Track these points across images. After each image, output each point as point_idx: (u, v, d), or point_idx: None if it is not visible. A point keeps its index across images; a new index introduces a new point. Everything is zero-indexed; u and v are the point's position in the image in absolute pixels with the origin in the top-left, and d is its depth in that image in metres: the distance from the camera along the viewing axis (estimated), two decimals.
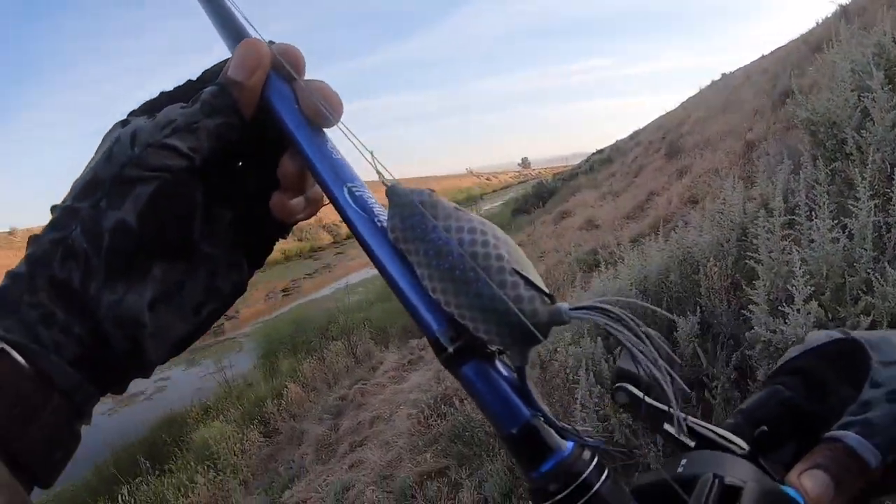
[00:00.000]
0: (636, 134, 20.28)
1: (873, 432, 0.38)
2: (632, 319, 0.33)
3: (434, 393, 4.71)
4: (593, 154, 24.05)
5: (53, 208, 0.38)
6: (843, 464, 0.38)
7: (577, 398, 2.18)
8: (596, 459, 0.34)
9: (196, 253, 0.41)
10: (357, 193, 0.40)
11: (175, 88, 0.43)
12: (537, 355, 2.76)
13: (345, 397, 6.49)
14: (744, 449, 0.39)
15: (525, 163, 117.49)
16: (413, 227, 0.36)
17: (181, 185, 0.38)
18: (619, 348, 0.35)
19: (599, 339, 2.41)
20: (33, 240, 0.37)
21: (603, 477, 0.34)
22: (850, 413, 0.39)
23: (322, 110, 0.40)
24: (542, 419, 0.34)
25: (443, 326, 0.36)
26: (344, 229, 27.23)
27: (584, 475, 0.33)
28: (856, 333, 0.44)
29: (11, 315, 0.34)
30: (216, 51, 0.46)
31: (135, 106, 0.42)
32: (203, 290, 0.42)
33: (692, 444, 0.39)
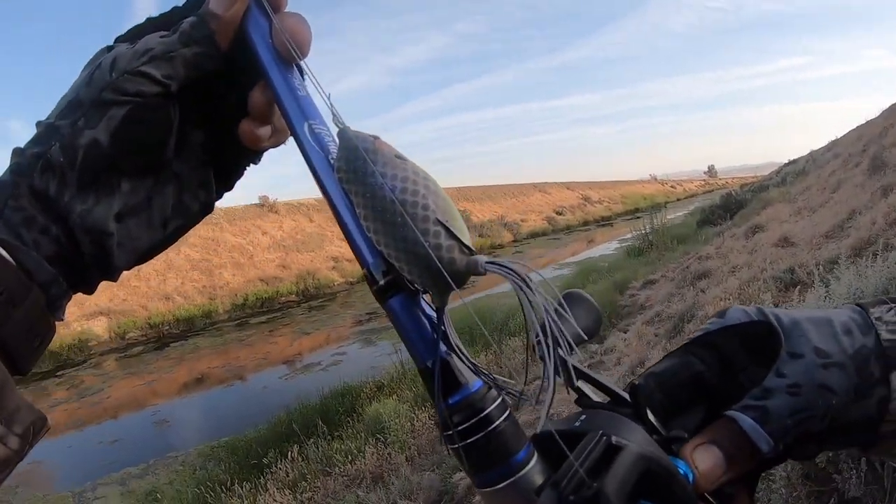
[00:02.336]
0: (833, 144, 18.79)
1: (769, 420, 0.40)
2: (531, 281, 0.37)
3: None
4: (785, 165, 22.68)
5: (38, 124, 0.41)
6: (736, 444, 0.41)
7: None
8: (500, 399, 0.38)
9: (166, 170, 0.44)
10: (316, 131, 0.42)
11: (161, 15, 0.45)
12: None
13: (522, 394, 6.47)
14: (628, 404, 0.41)
15: (711, 171, 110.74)
16: (355, 170, 0.39)
17: (153, 111, 0.41)
18: None
19: None
20: (18, 152, 0.41)
21: (504, 416, 0.38)
22: (752, 396, 0.41)
23: (289, 47, 0.42)
24: (457, 357, 0.38)
25: (376, 261, 0.39)
26: (524, 229, 27.80)
27: (487, 411, 0.37)
28: (771, 313, 0.44)
29: None
30: None
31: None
32: (171, 206, 0.45)
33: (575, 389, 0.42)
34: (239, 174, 0.51)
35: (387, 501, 5.01)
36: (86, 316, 20.85)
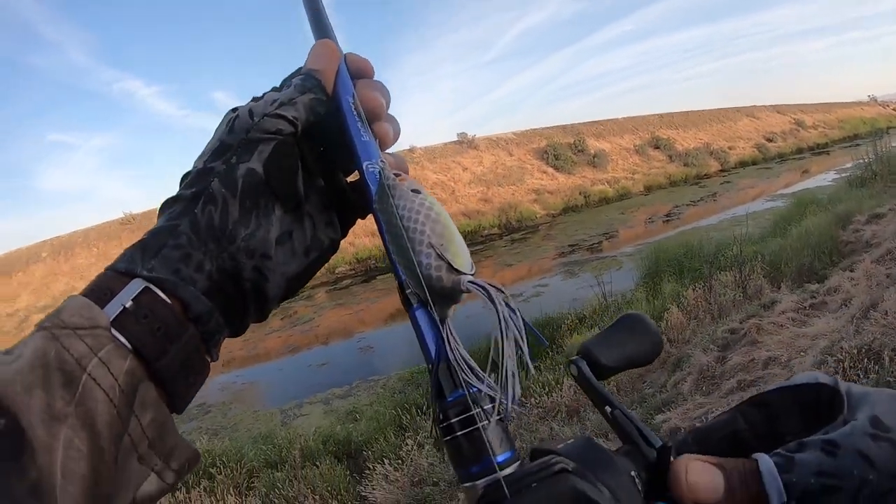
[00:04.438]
0: None
1: (790, 470, 0.36)
2: (510, 302, 0.43)
3: (855, 343, 3.97)
4: None
5: (186, 175, 0.47)
6: (744, 481, 0.37)
7: None
8: (492, 405, 0.42)
9: (301, 209, 0.50)
10: (370, 169, 0.50)
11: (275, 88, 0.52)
12: None
13: (735, 331, 5.92)
14: (653, 450, 0.42)
15: None
16: (382, 203, 0.48)
17: (290, 146, 0.48)
18: None
19: None
20: (170, 201, 0.45)
21: (489, 419, 0.41)
22: (786, 447, 0.38)
23: (362, 111, 0.52)
24: (459, 363, 0.43)
25: (404, 277, 0.46)
26: (732, 157, 26.25)
27: (473, 412, 0.41)
28: (845, 384, 0.41)
29: (155, 257, 0.41)
30: None
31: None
32: (310, 238, 0.51)
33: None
34: (351, 223, 0.57)
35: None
36: None
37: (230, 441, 8.44)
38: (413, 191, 0.48)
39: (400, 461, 6.12)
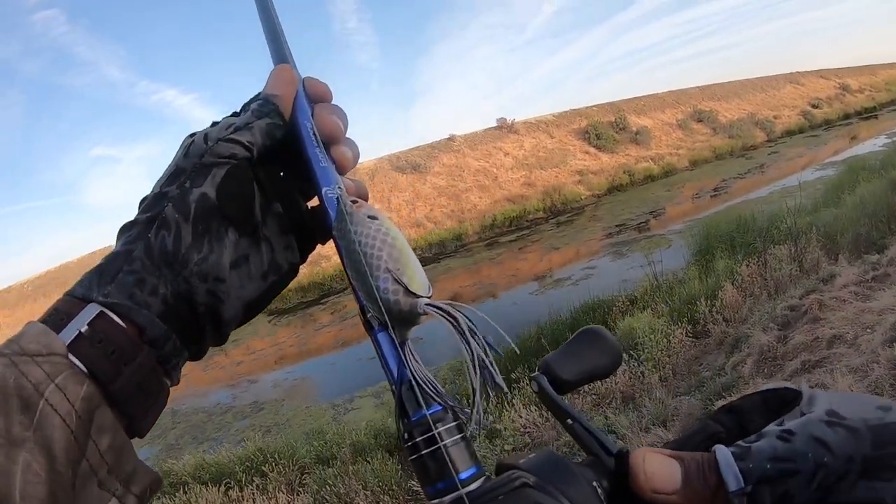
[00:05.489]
0: None
1: (746, 458, 0.37)
2: (470, 321, 0.44)
3: None
4: None
5: (143, 200, 0.48)
6: (701, 471, 0.38)
7: None
8: (455, 423, 0.44)
9: (257, 233, 0.51)
10: (329, 195, 0.52)
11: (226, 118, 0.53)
12: None
13: (795, 308, 5.65)
14: (612, 458, 0.44)
15: None
16: (340, 229, 0.50)
17: (244, 170, 0.49)
18: None
19: None
20: (128, 226, 0.46)
21: (454, 437, 0.43)
22: (745, 439, 0.39)
23: (317, 134, 0.54)
24: (420, 384, 0.44)
25: (364, 301, 0.48)
26: (778, 127, 25.85)
27: (434, 432, 0.42)
28: (809, 389, 0.42)
29: (111, 283, 0.43)
30: None
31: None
32: (267, 263, 0.51)
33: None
34: (311, 248, 0.57)
35: (639, 426, 4.63)
36: None
37: (282, 438, 8.49)
38: (370, 217, 0.50)
39: None
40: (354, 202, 0.51)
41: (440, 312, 0.45)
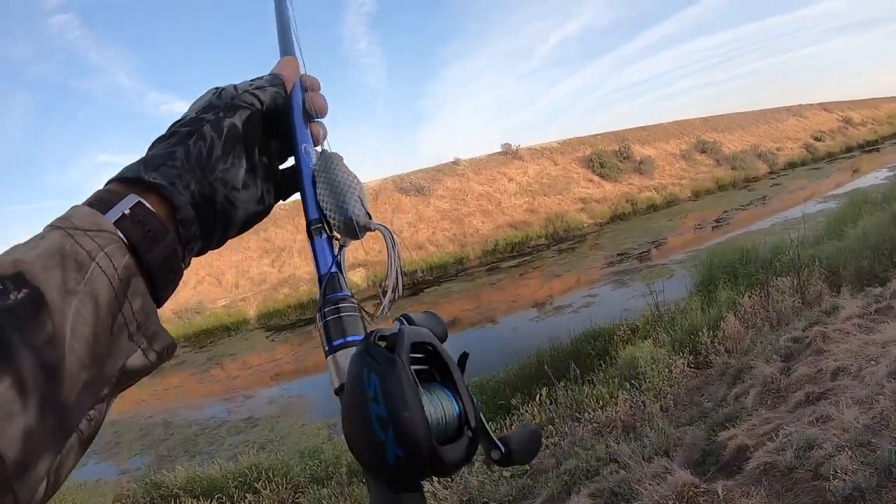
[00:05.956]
0: None
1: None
2: (394, 238, 0.63)
3: None
4: None
5: (176, 122, 0.61)
6: None
7: None
8: (357, 308, 0.61)
9: (255, 170, 0.65)
10: (307, 150, 0.69)
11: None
12: None
13: (799, 339, 5.61)
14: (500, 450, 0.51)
15: None
16: (326, 167, 0.67)
17: (258, 118, 0.64)
18: None
19: None
20: (164, 136, 0.60)
21: (352, 313, 0.60)
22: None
23: (309, 109, 0.71)
24: (341, 275, 0.64)
25: (317, 216, 0.65)
26: (781, 159, 26.04)
27: (342, 304, 0.60)
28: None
29: (156, 170, 0.55)
30: None
31: None
32: (260, 193, 0.66)
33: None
34: (277, 199, 0.71)
35: (641, 455, 4.56)
36: (347, 268, 22.77)
37: (276, 455, 8.39)
38: (341, 159, 0.69)
39: (449, 479, 5.95)
40: (334, 153, 0.70)
41: (381, 229, 0.64)
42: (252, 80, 0.67)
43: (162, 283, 0.52)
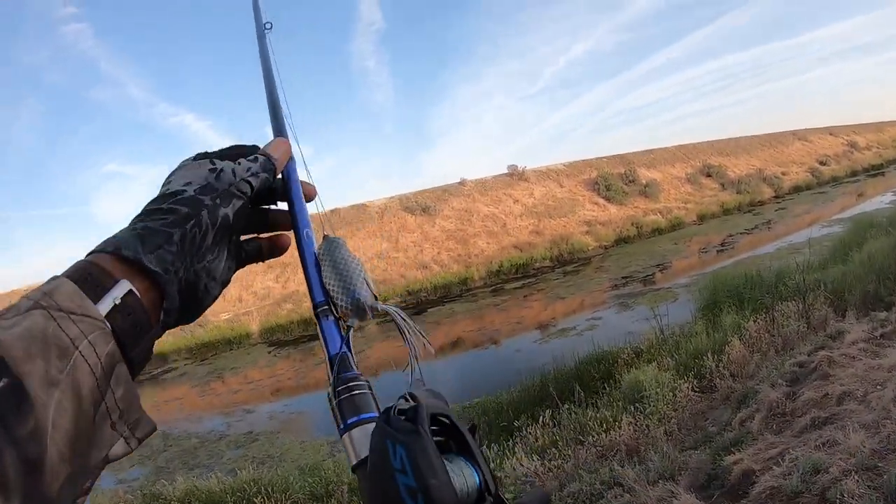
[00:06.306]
0: None
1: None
2: (405, 318, 0.66)
3: None
4: None
5: (173, 192, 0.60)
6: None
7: None
8: (367, 385, 0.62)
9: (230, 249, 0.65)
10: (309, 234, 0.73)
11: (229, 147, 0.70)
12: None
13: (804, 364, 5.58)
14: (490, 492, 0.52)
15: None
16: (328, 250, 0.71)
17: (247, 206, 0.65)
18: None
19: None
20: (160, 209, 0.58)
21: (365, 391, 0.61)
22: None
23: (309, 190, 0.76)
24: (351, 355, 0.64)
25: (322, 299, 0.68)
26: (786, 183, 26.10)
27: (355, 382, 0.61)
28: None
29: (153, 252, 0.54)
30: None
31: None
32: (226, 275, 0.65)
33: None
34: (241, 266, 0.72)
35: (646, 479, 4.52)
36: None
37: (276, 471, 8.35)
38: (345, 245, 0.72)
39: None
40: (337, 238, 0.74)
41: (390, 310, 0.67)
42: (249, 163, 0.67)
43: (138, 369, 0.52)
